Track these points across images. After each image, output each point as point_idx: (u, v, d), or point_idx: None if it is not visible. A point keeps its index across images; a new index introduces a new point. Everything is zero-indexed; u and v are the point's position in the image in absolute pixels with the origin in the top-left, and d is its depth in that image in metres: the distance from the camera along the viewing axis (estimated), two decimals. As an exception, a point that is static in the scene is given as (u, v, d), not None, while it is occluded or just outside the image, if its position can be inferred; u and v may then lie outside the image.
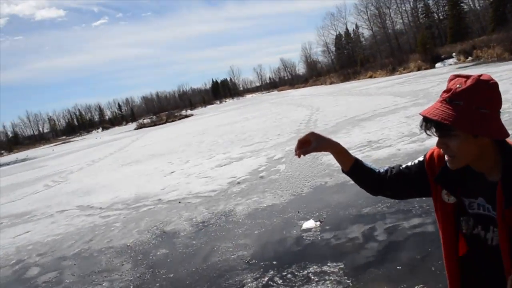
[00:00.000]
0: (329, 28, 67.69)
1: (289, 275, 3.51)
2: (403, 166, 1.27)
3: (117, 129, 74.21)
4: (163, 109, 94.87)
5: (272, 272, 3.63)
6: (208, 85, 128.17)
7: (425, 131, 1.07)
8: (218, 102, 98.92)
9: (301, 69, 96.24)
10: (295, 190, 6.01)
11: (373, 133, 8.97)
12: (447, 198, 1.15)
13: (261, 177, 7.35)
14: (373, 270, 3.29)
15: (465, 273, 1.17)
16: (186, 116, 54.98)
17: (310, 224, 4.48)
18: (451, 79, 1.05)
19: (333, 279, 3.27)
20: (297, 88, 67.54)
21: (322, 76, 65.47)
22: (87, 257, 5.24)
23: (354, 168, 1.30)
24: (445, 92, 1.04)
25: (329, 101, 22.02)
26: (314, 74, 74.42)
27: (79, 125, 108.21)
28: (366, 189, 1.34)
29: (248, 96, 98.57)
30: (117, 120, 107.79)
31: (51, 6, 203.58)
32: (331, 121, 12.92)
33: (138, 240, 5.40)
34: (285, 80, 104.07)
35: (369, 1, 56.38)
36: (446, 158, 1.09)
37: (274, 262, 3.83)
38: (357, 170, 1.30)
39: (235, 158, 9.91)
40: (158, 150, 16.37)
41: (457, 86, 1.01)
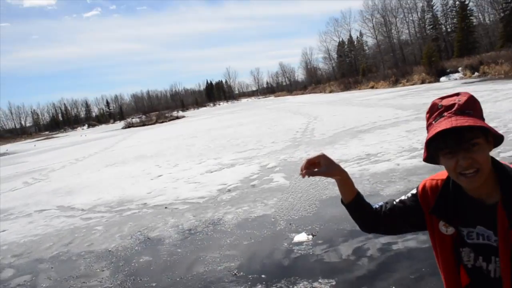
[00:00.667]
0: (332, 34, 66.39)
1: (279, 291, 3.37)
2: (397, 201, 1.26)
3: (104, 127, 73.19)
4: (154, 109, 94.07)
5: (260, 286, 3.50)
6: (202, 86, 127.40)
7: (438, 151, 1.04)
8: (212, 105, 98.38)
9: (300, 75, 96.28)
10: (288, 201, 5.86)
11: (372, 146, 8.83)
12: (445, 230, 1.14)
13: (253, 186, 7.20)
14: (367, 290, 3.17)
15: None
16: (177, 118, 54.46)
17: (302, 238, 4.36)
18: (436, 103, 1.07)
19: (325, 297, 3.15)
20: (295, 95, 67.09)
21: (322, 84, 64.76)
22: (65, 261, 5.02)
23: (356, 202, 1.27)
24: (446, 110, 1.03)
25: (328, 110, 21.78)
26: (314, 81, 74.26)
27: (64, 121, 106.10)
28: (362, 225, 1.31)
29: (244, 100, 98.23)
30: (104, 118, 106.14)
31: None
32: (329, 131, 12.70)
33: (120, 245, 5.20)
34: (283, 86, 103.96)
35: (375, 9, 54.67)
36: (466, 179, 1.02)
37: (263, 276, 3.69)
38: (358, 205, 1.27)
39: (227, 165, 9.73)
40: (146, 152, 16.08)
41: (457, 101, 1.03)
